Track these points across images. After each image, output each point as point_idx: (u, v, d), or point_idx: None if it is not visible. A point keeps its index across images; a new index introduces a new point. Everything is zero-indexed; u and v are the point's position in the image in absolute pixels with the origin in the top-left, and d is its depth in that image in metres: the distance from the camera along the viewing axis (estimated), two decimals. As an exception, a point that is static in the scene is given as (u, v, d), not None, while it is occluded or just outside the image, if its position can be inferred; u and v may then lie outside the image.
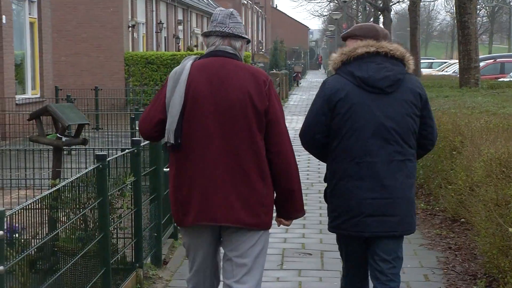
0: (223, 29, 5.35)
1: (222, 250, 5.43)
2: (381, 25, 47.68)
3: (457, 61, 23.22)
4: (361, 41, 5.58)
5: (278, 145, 5.28)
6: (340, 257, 5.94)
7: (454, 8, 18.75)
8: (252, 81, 5.28)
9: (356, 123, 5.46)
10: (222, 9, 5.52)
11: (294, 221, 10.45)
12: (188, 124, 5.24)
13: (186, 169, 5.28)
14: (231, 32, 5.35)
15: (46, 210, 5.53)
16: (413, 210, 5.61)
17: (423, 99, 5.60)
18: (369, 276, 5.75)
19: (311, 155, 6.06)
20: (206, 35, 5.46)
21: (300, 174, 5.44)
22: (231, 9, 5.51)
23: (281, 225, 5.67)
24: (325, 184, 5.78)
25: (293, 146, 5.38)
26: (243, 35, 5.41)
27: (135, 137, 13.05)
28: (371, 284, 5.77)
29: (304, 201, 11.57)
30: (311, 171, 15.08)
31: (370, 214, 5.43)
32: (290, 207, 5.49)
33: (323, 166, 6.32)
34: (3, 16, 21.26)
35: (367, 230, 5.45)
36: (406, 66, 5.60)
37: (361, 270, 5.76)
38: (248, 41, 5.55)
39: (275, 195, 5.41)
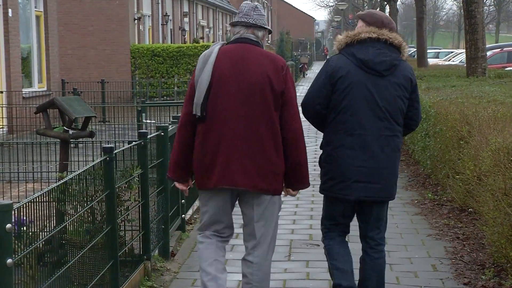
0: (248, 20, 6.08)
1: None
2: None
3: (464, 50, 23.17)
4: (366, 27, 6.25)
5: (290, 122, 6.00)
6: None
7: (461, -2, 18.68)
8: (271, 65, 6.00)
9: (353, 99, 6.13)
10: (248, 2, 6.24)
11: (301, 212, 10.59)
12: (213, 100, 5.96)
13: (209, 140, 5.96)
14: (254, 23, 6.08)
15: (54, 203, 5.54)
16: (395, 180, 6.31)
17: (413, 84, 6.30)
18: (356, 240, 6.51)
19: (318, 149, 6.70)
20: (233, 25, 6.22)
21: (308, 165, 6.17)
22: (256, 3, 6.28)
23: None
24: None
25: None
26: (265, 26, 6.14)
27: (142, 129, 13.07)
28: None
29: (311, 193, 11.69)
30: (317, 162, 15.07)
31: (357, 180, 6.11)
32: (297, 179, 6.15)
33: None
34: (9, 10, 21.29)
35: (353, 194, 6.14)
36: (402, 54, 6.28)
37: (339, 233, 6.46)
38: (270, 32, 6.31)
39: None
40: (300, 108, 6.24)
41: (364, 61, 6.14)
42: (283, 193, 6.21)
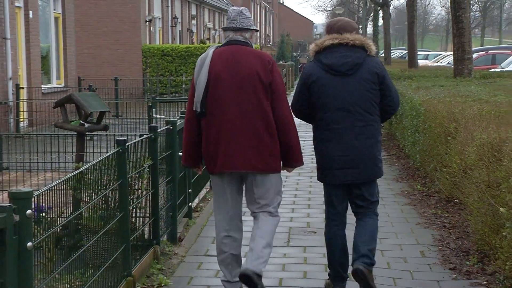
0: (235, 25, 6.46)
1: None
2: (380, 20, 47.69)
3: (452, 53, 23.15)
4: (328, 35, 6.71)
5: (279, 109, 6.38)
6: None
7: (449, 3, 18.67)
8: (258, 61, 6.39)
9: (325, 99, 6.56)
10: (234, 8, 6.58)
11: (299, 201, 10.62)
12: (211, 97, 6.36)
13: (211, 132, 6.36)
14: (241, 26, 6.45)
15: (70, 191, 5.55)
16: (374, 163, 6.60)
17: (380, 76, 6.59)
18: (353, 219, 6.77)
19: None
20: (224, 29, 6.60)
21: (305, 158, 6.49)
22: (241, 8, 6.60)
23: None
24: None
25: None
26: (250, 27, 6.51)
27: (152, 123, 13.07)
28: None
29: (309, 183, 11.70)
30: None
31: (338, 167, 6.53)
32: (290, 158, 6.52)
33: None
34: (30, 11, 21.29)
35: (337, 180, 6.57)
36: (368, 51, 6.59)
37: (338, 215, 6.70)
38: (257, 30, 6.71)
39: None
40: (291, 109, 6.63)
41: (329, 65, 6.56)
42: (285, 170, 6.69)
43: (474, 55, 27.30)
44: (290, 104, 6.63)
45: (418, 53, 38.12)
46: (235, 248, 6.45)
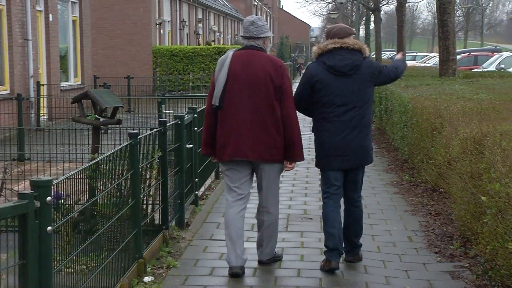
0: (248, 34, 6.81)
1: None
2: (372, 23, 47.60)
3: (437, 54, 23.09)
4: (330, 40, 6.96)
5: (285, 108, 6.71)
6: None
7: (435, 9, 18.63)
8: (271, 65, 6.72)
9: (328, 96, 6.82)
10: (248, 18, 6.94)
11: (297, 190, 10.62)
12: (228, 93, 6.68)
13: (225, 124, 6.71)
14: (253, 35, 6.79)
15: (87, 180, 5.55)
16: (365, 151, 6.93)
17: (376, 70, 6.98)
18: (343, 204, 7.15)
19: (312, 140, 7.43)
20: (241, 37, 7.00)
21: (302, 144, 6.87)
22: (254, 18, 6.94)
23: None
24: None
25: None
26: (261, 35, 6.82)
27: (162, 118, 13.06)
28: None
29: (305, 174, 11.68)
30: (311, 148, 15.08)
31: (336, 155, 6.85)
32: (292, 153, 6.80)
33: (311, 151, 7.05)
34: (50, 15, 21.31)
35: (333, 166, 6.90)
36: (363, 54, 6.88)
37: (333, 193, 6.97)
38: (268, 36, 6.94)
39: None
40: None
41: (331, 67, 6.83)
42: (286, 165, 6.95)
43: (458, 57, 27.23)
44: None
45: (407, 54, 38.04)
46: (236, 224, 6.81)
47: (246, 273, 6.77)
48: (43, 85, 20.37)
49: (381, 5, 40.09)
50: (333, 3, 58.87)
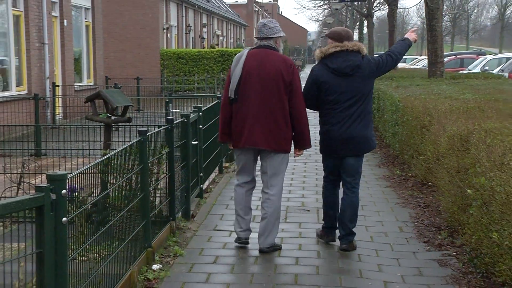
0: (260, 35, 7.07)
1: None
2: (365, 28, 47.60)
3: (426, 57, 23.07)
4: (332, 42, 7.14)
5: (295, 103, 6.95)
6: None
7: (424, 14, 18.61)
8: (283, 63, 6.95)
9: (333, 94, 7.07)
10: (261, 21, 7.17)
11: (295, 184, 10.62)
12: (242, 87, 6.93)
13: (239, 115, 6.97)
14: (264, 36, 7.04)
15: (99, 174, 5.55)
16: (366, 141, 7.17)
17: (374, 65, 7.16)
18: (341, 187, 7.45)
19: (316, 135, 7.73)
20: (256, 38, 7.20)
21: (310, 140, 7.11)
22: (266, 20, 7.19)
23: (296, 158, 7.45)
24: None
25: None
26: (271, 36, 7.05)
27: (169, 116, 13.05)
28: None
29: (303, 169, 11.68)
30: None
31: (340, 144, 7.10)
32: (301, 142, 7.11)
33: (317, 141, 7.47)
34: (65, 20, 21.30)
35: (337, 152, 7.17)
36: (362, 53, 7.09)
37: (333, 179, 7.36)
38: (280, 37, 7.10)
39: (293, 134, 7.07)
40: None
41: (334, 69, 7.04)
42: (294, 153, 7.29)
43: (446, 59, 27.23)
44: None
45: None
46: (244, 202, 7.24)
47: (248, 261, 6.78)
48: (58, 85, 20.37)
49: (373, 11, 40.05)
50: (329, 9, 58.78)
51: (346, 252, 7.08)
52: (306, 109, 7.16)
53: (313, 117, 10.49)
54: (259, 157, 7.20)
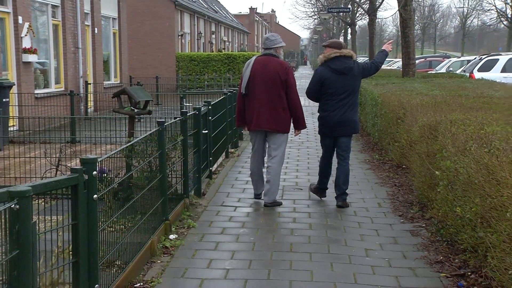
0: (264, 46, 7.92)
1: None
2: (349, 35, 47.52)
3: (400, 59, 23.00)
4: (332, 50, 7.89)
5: (291, 96, 7.79)
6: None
7: (399, 24, 18.55)
8: (279, 66, 7.75)
9: (334, 89, 7.82)
10: (265, 35, 7.97)
11: (289, 166, 10.63)
12: (251, 85, 7.80)
13: (250, 106, 7.87)
14: (267, 47, 7.88)
15: (124, 158, 5.53)
16: (355, 124, 7.92)
17: (361, 70, 7.91)
18: (334, 160, 8.14)
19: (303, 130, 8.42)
20: (262, 48, 8.08)
21: (294, 141, 7.00)
22: (269, 34, 7.95)
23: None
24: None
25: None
26: (272, 47, 7.85)
27: (183, 109, 13.03)
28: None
29: (297, 154, 11.66)
30: (302, 134, 15.06)
31: (336, 126, 7.85)
32: (298, 124, 7.96)
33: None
34: (95, 28, 21.28)
35: (334, 133, 7.92)
36: (353, 59, 7.90)
37: (328, 154, 8.14)
38: (280, 47, 7.90)
39: (292, 119, 7.90)
40: (303, 94, 8.37)
41: (335, 69, 7.81)
42: (294, 132, 8.18)
43: (417, 61, 27.14)
44: (306, 92, 8.13)
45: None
46: (259, 169, 8.11)
47: (248, 233, 6.78)
48: (90, 83, 20.36)
49: (356, 20, 39.92)
50: (319, 18, 58.63)
51: (334, 224, 7.07)
52: (310, 100, 8.16)
53: (304, 110, 10.41)
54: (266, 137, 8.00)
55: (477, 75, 20.61)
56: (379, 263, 5.75)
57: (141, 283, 5.19)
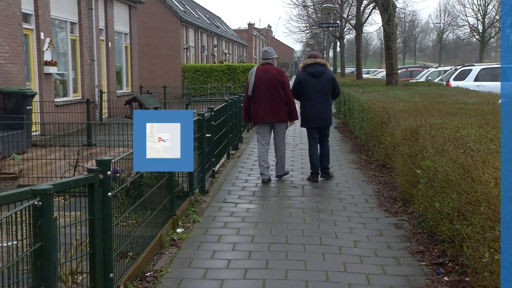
0: (263, 57, 9.10)
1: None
2: (338, 48, 47.63)
3: (384, 70, 23.02)
4: (309, 59, 9.13)
5: (286, 93, 8.94)
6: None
7: (383, 37, 18.58)
8: (276, 71, 8.93)
9: (309, 88, 8.99)
10: (263, 48, 9.09)
11: (286, 167, 10.31)
12: (256, 88, 8.90)
13: (255, 105, 8.97)
14: (265, 58, 9.09)
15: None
16: (330, 116, 9.19)
17: (332, 79, 9.08)
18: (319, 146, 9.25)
19: (296, 133, 9.18)
20: (261, 58, 9.14)
21: (290, 139, 7.32)
22: (266, 48, 9.14)
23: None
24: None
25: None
26: (270, 57, 9.06)
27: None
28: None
29: (290, 156, 11.63)
30: (296, 137, 15.05)
31: (314, 119, 9.03)
32: (291, 116, 9.04)
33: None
34: (109, 43, 21.30)
35: (314, 125, 9.09)
36: (326, 67, 9.12)
37: (314, 142, 9.18)
38: (274, 57, 9.14)
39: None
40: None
41: (311, 73, 9.02)
42: (289, 122, 9.17)
43: (399, 71, 27.14)
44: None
45: (363, 69, 37.91)
46: (265, 157, 9.09)
47: (248, 226, 6.77)
48: (104, 92, 20.36)
49: (344, 34, 39.96)
50: (310, 33, 58.69)
51: (325, 218, 7.06)
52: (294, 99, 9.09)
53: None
54: (272, 129, 9.13)
55: (453, 83, 20.62)
56: (366, 253, 5.75)
57: (151, 272, 5.19)
